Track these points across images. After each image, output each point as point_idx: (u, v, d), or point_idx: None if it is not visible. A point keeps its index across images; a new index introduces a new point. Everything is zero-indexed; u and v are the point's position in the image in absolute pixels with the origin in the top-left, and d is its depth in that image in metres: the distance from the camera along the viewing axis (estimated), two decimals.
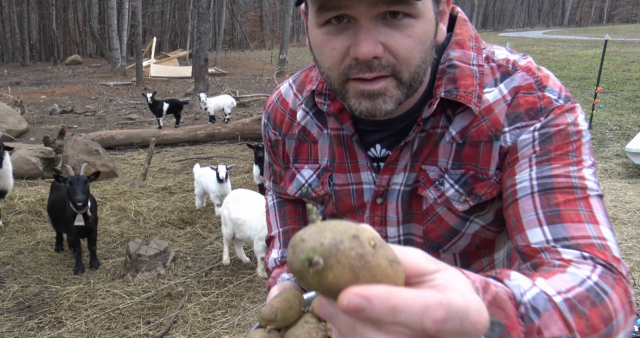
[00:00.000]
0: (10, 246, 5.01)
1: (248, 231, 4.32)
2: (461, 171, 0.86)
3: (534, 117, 0.80)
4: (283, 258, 1.15)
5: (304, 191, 1.03)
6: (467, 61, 0.86)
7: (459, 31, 0.89)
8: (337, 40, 0.75)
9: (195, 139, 10.24)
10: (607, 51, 17.10)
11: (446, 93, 0.84)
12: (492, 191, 0.86)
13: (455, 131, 0.86)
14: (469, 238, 0.92)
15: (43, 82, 21.89)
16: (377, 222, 0.97)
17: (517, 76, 0.84)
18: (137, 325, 3.63)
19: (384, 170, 0.92)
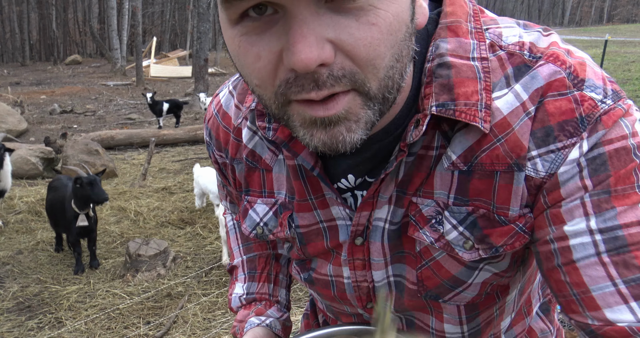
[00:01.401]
0: (10, 246, 5.01)
1: None
2: (467, 209, 0.63)
3: (573, 133, 0.55)
4: (249, 296, 0.95)
5: (259, 231, 0.79)
6: (466, 54, 0.60)
7: (449, 9, 0.62)
8: (262, 42, 0.49)
9: (195, 139, 10.24)
10: (607, 51, 17.10)
11: (439, 108, 0.59)
12: (515, 242, 0.62)
13: (457, 155, 0.61)
14: (478, 288, 0.70)
15: (43, 82, 21.90)
16: (359, 266, 0.74)
17: (540, 70, 0.57)
18: (137, 325, 3.63)
19: (362, 206, 0.68)
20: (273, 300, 0.95)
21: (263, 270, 0.97)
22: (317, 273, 0.80)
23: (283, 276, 0.98)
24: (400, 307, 0.76)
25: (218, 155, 0.83)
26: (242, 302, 0.96)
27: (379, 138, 0.64)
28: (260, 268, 0.97)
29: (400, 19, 0.50)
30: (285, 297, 0.98)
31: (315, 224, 0.74)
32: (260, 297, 0.95)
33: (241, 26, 0.50)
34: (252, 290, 0.96)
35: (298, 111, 0.52)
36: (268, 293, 0.95)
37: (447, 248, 0.65)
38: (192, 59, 17.49)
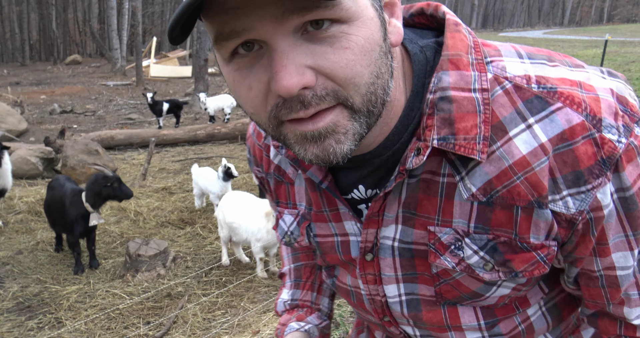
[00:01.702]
0: (10, 246, 5.01)
1: (244, 234, 4.32)
2: (488, 237, 0.67)
3: (599, 174, 0.61)
4: (293, 302, 1.03)
5: (287, 239, 0.88)
6: (467, 86, 0.63)
7: (450, 42, 0.65)
8: (252, 75, 0.56)
9: (195, 139, 10.24)
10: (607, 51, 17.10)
11: (440, 141, 0.63)
12: (535, 270, 0.68)
13: (476, 188, 0.65)
14: (495, 300, 0.76)
15: (43, 82, 21.90)
16: (371, 281, 0.80)
17: (559, 114, 0.61)
18: (137, 325, 3.63)
19: (368, 222, 0.74)
20: (314, 308, 1.03)
21: (308, 279, 1.05)
22: (339, 281, 0.88)
23: (327, 285, 1.05)
24: (416, 320, 0.81)
25: (256, 170, 0.94)
26: (285, 307, 1.04)
27: (378, 153, 0.68)
28: (305, 277, 1.05)
29: (372, 40, 0.56)
30: (327, 306, 1.05)
31: (330, 236, 0.81)
32: (303, 303, 1.03)
33: (234, 63, 0.57)
34: (296, 296, 1.04)
35: (291, 130, 0.59)
36: (310, 300, 1.03)
37: (468, 270, 0.71)
38: (192, 59, 17.49)
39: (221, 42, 0.55)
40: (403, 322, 0.83)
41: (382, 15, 0.59)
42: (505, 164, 0.63)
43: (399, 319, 0.83)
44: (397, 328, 0.86)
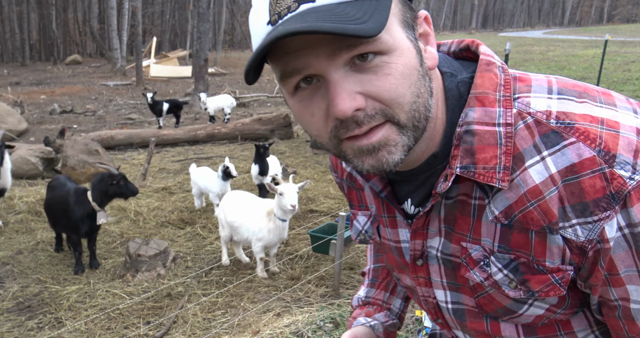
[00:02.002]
0: (10, 246, 5.01)
1: (245, 233, 4.32)
2: (511, 257, 0.74)
3: (606, 208, 0.65)
4: (366, 299, 1.15)
5: (362, 237, 0.99)
6: (491, 121, 0.71)
7: (479, 81, 0.73)
8: (313, 104, 0.68)
9: (195, 139, 10.24)
10: (607, 51, 17.10)
11: (462, 169, 0.72)
12: (550, 291, 0.73)
13: (498, 211, 0.73)
14: (532, 319, 0.80)
15: (43, 82, 21.90)
16: (423, 283, 0.89)
17: (571, 148, 0.66)
18: (137, 325, 3.63)
19: (415, 235, 0.84)
20: (384, 307, 1.13)
21: (383, 280, 1.16)
22: (402, 281, 0.97)
23: (401, 288, 1.14)
24: (463, 328, 0.89)
25: (335, 176, 1.04)
26: (359, 303, 1.16)
27: (423, 169, 0.79)
28: (381, 277, 1.17)
29: (410, 66, 0.66)
30: (398, 307, 1.15)
31: (388, 240, 0.91)
32: (374, 301, 1.14)
33: (297, 96, 0.69)
34: (370, 295, 1.16)
35: (349, 146, 0.69)
36: (382, 300, 1.14)
37: (495, 286, 0.77)
38: (192, 59, 17.48)
39: (285, 79, 0.67)
40: (453, 326, 0.91)
41: (417, 45, 0.69)
42: (521, 192, 0.70)
43: (450, 323, 0.91)
44: (450, 332, 0.94)
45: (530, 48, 27.58)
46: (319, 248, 4.33)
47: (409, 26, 0.68)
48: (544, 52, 25.07)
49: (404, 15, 0.68)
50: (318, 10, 0.62)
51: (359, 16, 0.61)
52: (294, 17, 0.62)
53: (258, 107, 15.34)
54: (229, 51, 40.89)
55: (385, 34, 0.64)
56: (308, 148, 9.39)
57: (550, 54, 24.05)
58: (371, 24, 0.60)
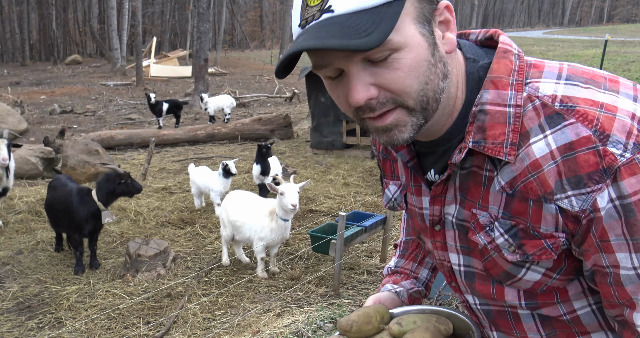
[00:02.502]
0: (10, 246, 5.01)
1: (247, 232, 4.32)
2: (511, 223, 0.84)
3: (599, 181, 0.73)
4: (395, 268, 1.26)
5: (391, 205, 1.10)
6: (503, 102, 0.81)
7: (495, 67, 0.83)
8: (338, 89, 0.81)
9: (195, 139, 10.24)
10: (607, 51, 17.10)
11: (474, 144, 0.82)
12: (543, 255, 0.82)
13: (504, 181, 0.82)
14: (531, 284, 0.89)
15: (43, 82, 21.89)
16: (439, 247, 0.99)
17: (569, 128, 0.75)
18: (137, 325, 3.63)
19: (433, 201, 0.94)
20: (412, 275, 1.24)
21: (413, 252, 1.27)
22: (427, 247, 1.06)
23: (429, 259, 1.26)
24: (472, 290, 0.98)
25: (374, 149, 1.16)
26: (388, 272, 1.27)
27: (442, 142, 0.89)
28: (411, 249, 1.28)
29: (419, 59, 0.76)
30: (426, 276, 1.25)
31: (413, 206, 1.02)
32: (402, 270, 1.25)
33: (328, 80, 0.83)
34: (399, 264, 1.27)
35: (369, 124, 0.82)
36: (410, 269, 1.25)
37: (497, 250, 0.87)
38: (192, 59, 17.47)
39: (317, 70, 0.80)
40: (464, 290, 1.00)
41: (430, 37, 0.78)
42: (524, 165, 0.79)
43: (461, 287, 1.00)
44: (461, 296, 1.03)
45: (530, 48, 27.57)
46: (319, 248, 4.34)
47: (425, 20, 0.77)
48: (544, 52, 25.07)
49: (421, 11, 0.77)
50: (333, 22, 0.73)
51: (366, 28, 0.71)
52: (315, 25, 0.75)
53: (258, 107, 15.33)
54: (229, 51, 40.89)
55: (396, 35, 0.73)
56: (308, 148, 9.38)
57: (550, 54, 24.04)
58: (374, 36, 0.70)
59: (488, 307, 0.99)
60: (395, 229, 5.00)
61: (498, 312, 0.98)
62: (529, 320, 0.94)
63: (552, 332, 0.94)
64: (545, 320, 0.93)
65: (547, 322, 0.93)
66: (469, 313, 1.07)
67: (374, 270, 4.45)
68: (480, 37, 0.91)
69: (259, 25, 53.67)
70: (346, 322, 0.92)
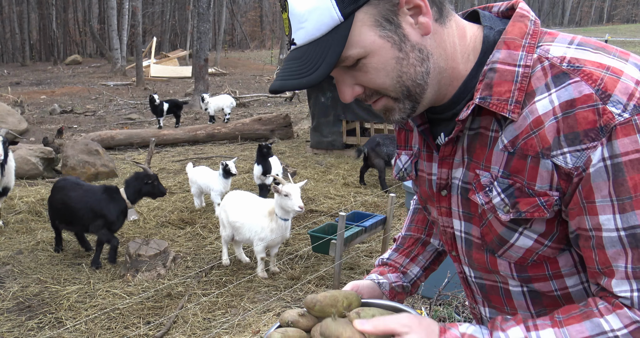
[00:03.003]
0: (10, 246, 5.01)
1: (247, 233, 4.32)
2: (509, 182, 0.85)
3: (594, 138, 0.74)
4: (386, 260, 1.27)
5: (401, 175, 1.12)
6: (513, 62, 0.83)
7: (509, 29, 0.86)
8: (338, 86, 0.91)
9: (195, 139, 10.24)
10: None
11: (481, 100, 0.84)
12: (535, 212, 0.83)
13: (507, 140, 0.84)
14: (522, 252, 0.89)
15: (43, 82, 21.89)
16: (445, 213, 1.00)
17: (574, 85, 0.77)
18: (137, 325, 3.63)
19: (442, 163, 0.96)
20: (401, 270, 1.24)
21: (408, 248, 1.28)
22: (432, 216, 1.09)
23: (423, 258, 1.27)
24: (469, 259, 0.99)
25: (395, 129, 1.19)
26: (379, 263, 1.28)
27: (450, 107, 0.92)
28: (407, 245, 1.28)
29: (384, 60, 0.82)
30: (415, 273, 1.25)
31: (423, 172, 1.04)
32: (392, 264, 1.25)
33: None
34: (391, 257, 1.27)
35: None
36: (400, 264, 1.25)
37: (493, 210, 0.88)
38: (192, 59, 17.47)
39: None
40: (463, 260, 1.02)
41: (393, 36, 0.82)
42: (527, 122, 0.81)
43: (460, 256, 1.02)
44: (460, 266, 1.05)
45: None
46: (319, 248, 4.34)
47: (385, 21, 0.81)
48: None
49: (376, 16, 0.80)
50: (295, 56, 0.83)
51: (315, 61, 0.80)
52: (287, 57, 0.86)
53: (258, 107, 15.34)
54: (229, 51, 40.88)
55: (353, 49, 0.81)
56: (308, 148, 9.38)
57: None
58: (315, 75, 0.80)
59: (482, 281, 1.01)
60: (395, 229, 5.00)
61: (491, 286, 0.99)
62: (520, 297, 0.95)
63: (542, 310, 0.94)
64: (536, 298, 0.94)
65: (538, 300, 0.94)
66: (464, 287, 1.08)
67: None
68: (502, 8, 0.94)
69: (259, 25, 53.67)
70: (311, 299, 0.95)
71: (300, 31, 0.80)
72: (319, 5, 0.78)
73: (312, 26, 0.79)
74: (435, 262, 1.27)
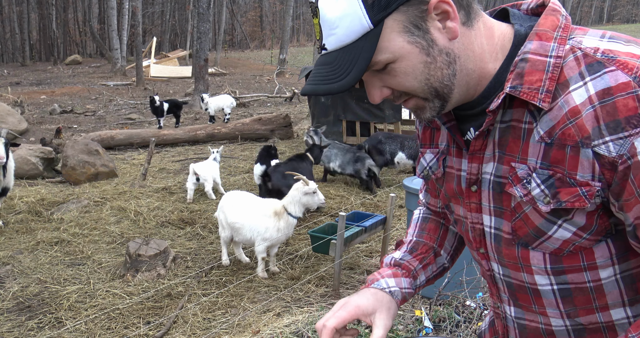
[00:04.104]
0: (10, 246, 5.01)
1: (248, 233, 4.31)
2: (549, 172, 0.84)
3: (637, 125, 0.74)
4: (400, 261, 1.21)
5: (426, 173, 1.12)
6: (544, 53, 0.84)
7: (542, 21, 0.87)
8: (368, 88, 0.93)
9: (195, 139, 10.23)
10: None
11: (511, 89, 0.85)
12: (576, 202, 0.83)
13: (543, 131, 0.84)
14: (559, 244, 0.89)
15: (43, 82, 21.89)
16: (474, 209, 1.00)
17: (610, 74, 0.77)
18: (137, 325, 3.63)
19: (472, 158, 0.96)
20: (412, 275, 1.20)
21: (421, 253, 1.23)
22: (456, 214, 1.08)
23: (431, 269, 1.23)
24: (499, 255, 0.98)
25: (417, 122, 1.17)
26: (391, 262, 1.21)
27: (479, 102, 0.92)
28: (420, 251, 1.24)
29: (412, 64, 0.84)
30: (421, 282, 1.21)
31: (452, 168, 1.03)
32: (406, 266, 1.20)
33: None
34: (405, 258, 1.22)
35: None
36: (414, 268, 1.20)
37: (532, 202, 0.87)
38: (192, 59, 17.47)
39: None
40: (492, 256, 1.01)
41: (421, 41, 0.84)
42: (563, 112, 0.81)
43: (489, 253, 1.01)
44: (488, 263, 1.03)
45: None
46: (319, 248, 4.33)
47: (413, 27, 0.83)
48: None
49: (407, 20, 0.82)
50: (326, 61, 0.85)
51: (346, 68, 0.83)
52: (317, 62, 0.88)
53: (258, 107, 15.33)
54: (229, 51, 40.88)
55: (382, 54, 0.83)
56: None
57: None
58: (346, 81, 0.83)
59: (510, 279, 0.99)
60: (395, 229, 5.00)
61: (518, 286, 0.98)
62: (550, 295, 0.95)
63: (572, 309, 0.94)
64: (566, 296, 0.93)
65: (568, 298, 0.93)
66: (490, 285, 1.07)
67: (374, 270, 4.45)
68: (532, 5, 0.94)
69: (259, 25, 53.67)
70: None
71: (331, 37, 0.82)
72: (349, 12, 0.80)
73: (343, 32, 0.81)
74: (437, 276, 1.25)
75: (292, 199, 4.20)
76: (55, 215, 5.80)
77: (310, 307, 3.76)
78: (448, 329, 3.10)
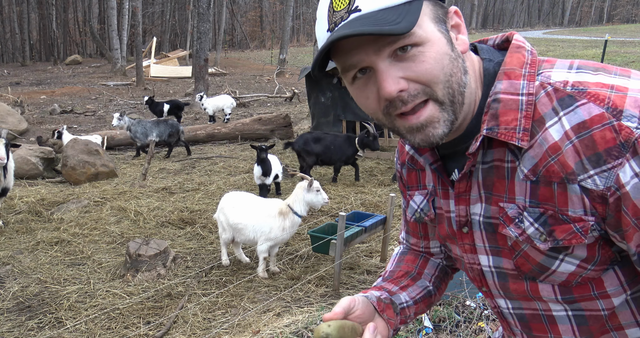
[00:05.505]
0: (10, 246, 5.01)
1: (251, 234, 4.30)
2: (540, 210, 0.84)
3: (618, 155, 0.74)
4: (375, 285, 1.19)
5: (417, 216, 1.10)
6: (515, 91, 0.84)
7: (508, 60, 0.88)
8: (367, 89, 0.86)
9: (195, 139, 10.23)
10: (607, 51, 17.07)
11: (488, 131, 0.85)
12: (572, 239, 0.82)
13: (527, 169, 0.83)
14: (565, 276, 0.87)
15: (43, 82, 21.88)
16: (468, 250, 0.99)
17: (582, 107, 0.77)
18: (137, 325, 3.63)
19: (458, 200, 0.95)
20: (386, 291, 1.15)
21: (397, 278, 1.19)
22: (454, 254, 1.07)
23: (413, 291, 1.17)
24: (506, 291, 0.97)
25: (397, 163, 1.16)
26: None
27: (462, 140, 0.92)
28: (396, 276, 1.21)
29: (441, 52, 0.81)
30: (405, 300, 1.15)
31: (441, 210, 1.03)
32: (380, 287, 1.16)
33: (355, 84, 0.87)
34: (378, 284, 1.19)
35: (401, 123, 0.85)
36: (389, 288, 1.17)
37: (529, 241, 0.86)
38: (192, 59, 17.47)
39: (345, 72, 0.86)
40: (496, 293, 0.99)
41: (447, 35, 0.84)
42: (544, 149, 0.80)
43: (493, 291, 0.99)
44: (493, 301, 1.02)
45: None
46: (319, 248, 4.33)
47: (441, 21, 0.83)
48: (544, 52, 25.06)
49: (435, 12, 0.83)
50: (363, 17, 0.79)
51: (394, 19, 0.77)
52: (345, 24, 0.80)
53: (258, 107, 15.33)
54: (229, 51, 40.89)
55: (419, 29, 0.79)
56: None
57: (550, 54, 24.02)
58: (403, 24, 0.77)
59: (521, 310, 0.98)
60: (396, 229, 5.00)
61: (532, 315, 0.96)
62: (565, 322, 0.93)
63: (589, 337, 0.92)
64: (582, 323, 0.91)
65: (584, 326, 0.91)
66: (500, 320, 1.06)
67: (374, 270, 4.45)
68: (498, 41, 0.96)
69: (259, 25, 53.67)
70: None
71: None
72: None
73: None
74: (425, 300, 1.19)
75: (296, 198, 4.21)
76: (55, 215, 5.80)
77: (311, 307, 3.76)
78: (448, 329, 3.10)
